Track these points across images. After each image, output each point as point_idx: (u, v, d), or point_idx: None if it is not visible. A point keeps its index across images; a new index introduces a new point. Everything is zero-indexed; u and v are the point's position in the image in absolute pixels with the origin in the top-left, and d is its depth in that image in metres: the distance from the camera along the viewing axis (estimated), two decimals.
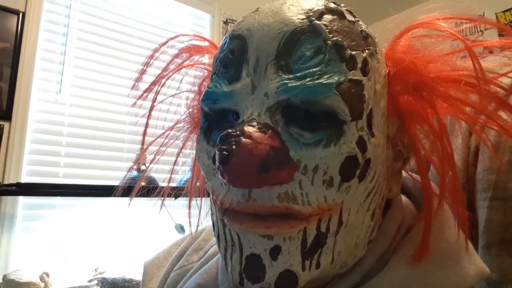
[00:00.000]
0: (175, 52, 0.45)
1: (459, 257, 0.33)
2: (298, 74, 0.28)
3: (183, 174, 1.74)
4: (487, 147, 0.42)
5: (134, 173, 1.58)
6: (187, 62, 0.45)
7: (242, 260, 0.29)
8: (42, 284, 1.29)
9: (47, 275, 1.33)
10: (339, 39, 0.29)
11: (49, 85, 1.63)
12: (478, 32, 2.12)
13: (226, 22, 2.22)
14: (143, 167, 1.57)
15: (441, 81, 0.32)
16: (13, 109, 1.49)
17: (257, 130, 0.27)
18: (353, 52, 0.29)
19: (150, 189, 0.52)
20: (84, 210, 1.61)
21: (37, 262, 1.43)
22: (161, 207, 0.49)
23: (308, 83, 0.27)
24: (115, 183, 1.58)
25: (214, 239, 0.48)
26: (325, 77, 0.28)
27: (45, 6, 1.64)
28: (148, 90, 0.45)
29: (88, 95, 1.72)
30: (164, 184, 0.52)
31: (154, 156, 0.48)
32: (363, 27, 0.32)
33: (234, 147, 0.26)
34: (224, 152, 0.26)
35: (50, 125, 1.62)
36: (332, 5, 0.31)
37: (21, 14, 1.55)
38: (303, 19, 0.29)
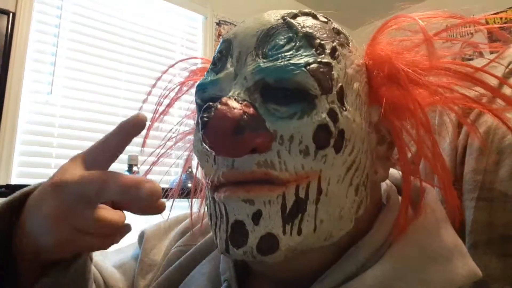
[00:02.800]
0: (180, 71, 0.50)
1: (453, 256, 0.34)
2: (271, 58, 0.32)
3: (176, 175, 1.74)
4: (477, 137, 0.43)
5: (126, 174, 1.57)
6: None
7: (228, 228, 0.31)
8: None
9: None
10: (309, 30, 0.34)
11: (40, 86, 1.62)
12: (468, 34, 2.15)
13: (218, 24, 2.22)
14: (135, 168, 1.57)
15: (416, 68, 0.34)
16: (3, 110, 1.47)
17: (234, 100, 0.30)
18: (322, 42, 0.33)
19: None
20: None
21: None
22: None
23: (279, 63, 0.31)
24: None
25: None
26: (295, 58, 0.32)
27: (36, 7, 1.62)
28: (163, 113, 0.49)
29: (79, 96, 1.71)
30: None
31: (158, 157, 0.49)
32: (335, 25, 0.36)
33: (212, 113, 0.29)
34: (204, 119, 0.29)
35: (41, 126, 1.61)
36: (306, 10, 0.36)
37: (11, 14, 1.54)
38: (278, 19, 0.34)
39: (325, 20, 0.36)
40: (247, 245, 0.30)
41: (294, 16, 0.35)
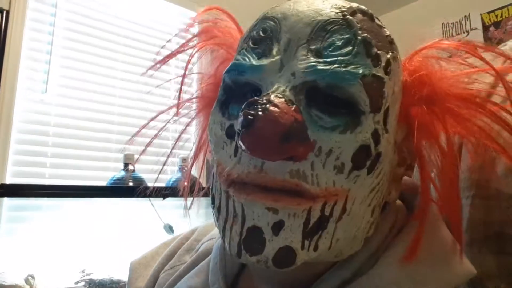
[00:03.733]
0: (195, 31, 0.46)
1: (449, 257, 0.34)
2: (327, 60, 0.29)
3: (171, 174, 1.73)
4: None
5: (122, 173, 1.57)
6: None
7: (243, 231, 0.29)
8: (28, 287, 1.27)
9: (33, 277, 1.31)
10: (368, 36, 0.31)
11: (35, 84, 1.60)
12: (463, 32, 2.16)
13: None
14: (131, 167, 1.57)
15: (453, 98, 0.33)
16: None
17: (284, 102, 0.28)
18: (379, 51, 0.31)
19: (139, 189, 0.52)
20: (71, 211, 1.59)
21: (22, 264, 1.41)
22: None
23: (336, 68, 0.29)
24: (103, 183, 1.58)
25: (205, 238, 0.48)
26: (352, 66, 0.29)
27: (30, 5, 1.60)
28: (163, 61, 0.46)
29: (75, 95, 1.69)
30: (153, 184, 0.52)
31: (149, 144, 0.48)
32: (388, 33, 0.34)
33: (260, 113, 0.26)
34: (249, 117, 0.26)
35: (36, 125, 1.59)
36: (364, 7, 0.33)
37: (5, 12, 1.52)
38: (337, 12, 0.31)
39: (381, 24, 0.34)
40: (263, 254, 0.28)
41: (353, 12, 0.32)
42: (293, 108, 0.28)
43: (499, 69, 0.33)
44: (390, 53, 0.32)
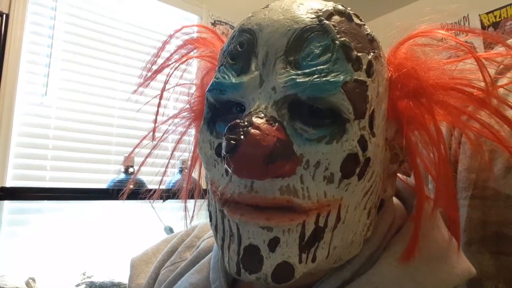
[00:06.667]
0: (179, 43, 0.47)
1: (448, 256, 0.34)
2: (306, 71, 0.29)
3: (172, 176, 1.73)
4: (470, 143, 0.43)
5: (122, 175, 1.57)
6: (191, 54, 0.47)
7: (240, 250, 0.29)
8: None
9: (33, 280, 1.31)
10: (347, 39, 0.30)
11: (35, 87, 1.61)
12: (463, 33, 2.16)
13: (214, 24, 2.22)
14: (131, 170, 1.57)
15: (440, 88, 0.33)
16: None
17: (265, 122, 0.27)
18: (359, 54, 0.31)
19: (139, 192, 0.52)
20: (71, 214, 1.59)
21: (23, 267, 1.41)
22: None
23: (315, 79, 0.28)
24: (103, 186, 1.58)
25: (206, 235, 0.48)
26: (332, 75, 0.29)
27: (30, 8, 1.61)
28: (150, 78, 0.47)
29: (75, 98, 1.70)
30: (153, 187, 0.52)
31: (149, 152, 0.49)
32: (369, 31, 0.33)
33: (242, 137, 0.26)
34: (232, 142, 0.26)
35: (36, 128, 1.59)
36: (340, 7, 0.33)
37: (4, 15, 1.52)
38: (312, 18, 0.30)
39: (360, 22, 0.33)
40: (262, 271, 0.28)
41: (330, 15, 0.31)
42: (275, 127, 0.27)
43: (481, 55, 0.33)
44: (372, 53, 0.32)
